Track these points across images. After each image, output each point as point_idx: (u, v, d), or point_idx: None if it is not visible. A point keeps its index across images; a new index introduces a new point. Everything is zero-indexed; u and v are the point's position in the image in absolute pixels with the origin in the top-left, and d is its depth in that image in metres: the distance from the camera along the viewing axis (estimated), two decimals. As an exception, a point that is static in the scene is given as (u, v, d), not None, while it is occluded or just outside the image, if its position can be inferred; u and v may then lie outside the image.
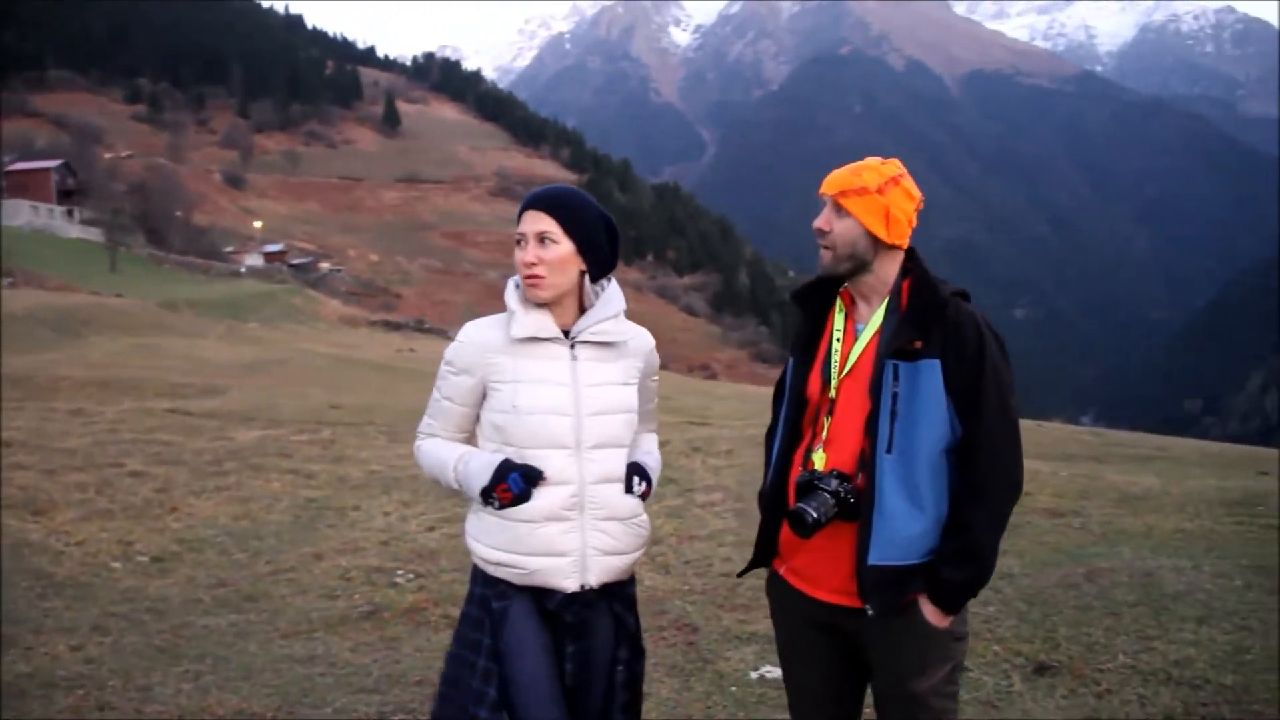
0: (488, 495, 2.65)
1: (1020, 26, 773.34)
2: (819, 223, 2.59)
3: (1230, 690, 4.11)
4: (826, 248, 2.58)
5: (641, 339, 2.86)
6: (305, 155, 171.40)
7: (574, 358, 2.71)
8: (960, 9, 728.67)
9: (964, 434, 2.48)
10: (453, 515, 8.19)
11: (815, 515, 2.45)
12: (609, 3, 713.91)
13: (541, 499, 2.65)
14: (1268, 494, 7.54)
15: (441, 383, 2.80)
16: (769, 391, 3.06)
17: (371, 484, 9.50)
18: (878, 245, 2.57)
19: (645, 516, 2.84)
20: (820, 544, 2.56)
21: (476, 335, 2.75)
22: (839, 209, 2.57)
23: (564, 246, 2.68)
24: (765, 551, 2.79)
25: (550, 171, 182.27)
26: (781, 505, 2.68)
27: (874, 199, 2.54)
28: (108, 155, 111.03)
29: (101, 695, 4.52)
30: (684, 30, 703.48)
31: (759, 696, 4.42)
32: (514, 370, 2.68)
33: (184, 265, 78.32)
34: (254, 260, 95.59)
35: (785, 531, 2.65)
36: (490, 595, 2.72)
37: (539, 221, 2.69)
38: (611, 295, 2.80)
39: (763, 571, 2.88)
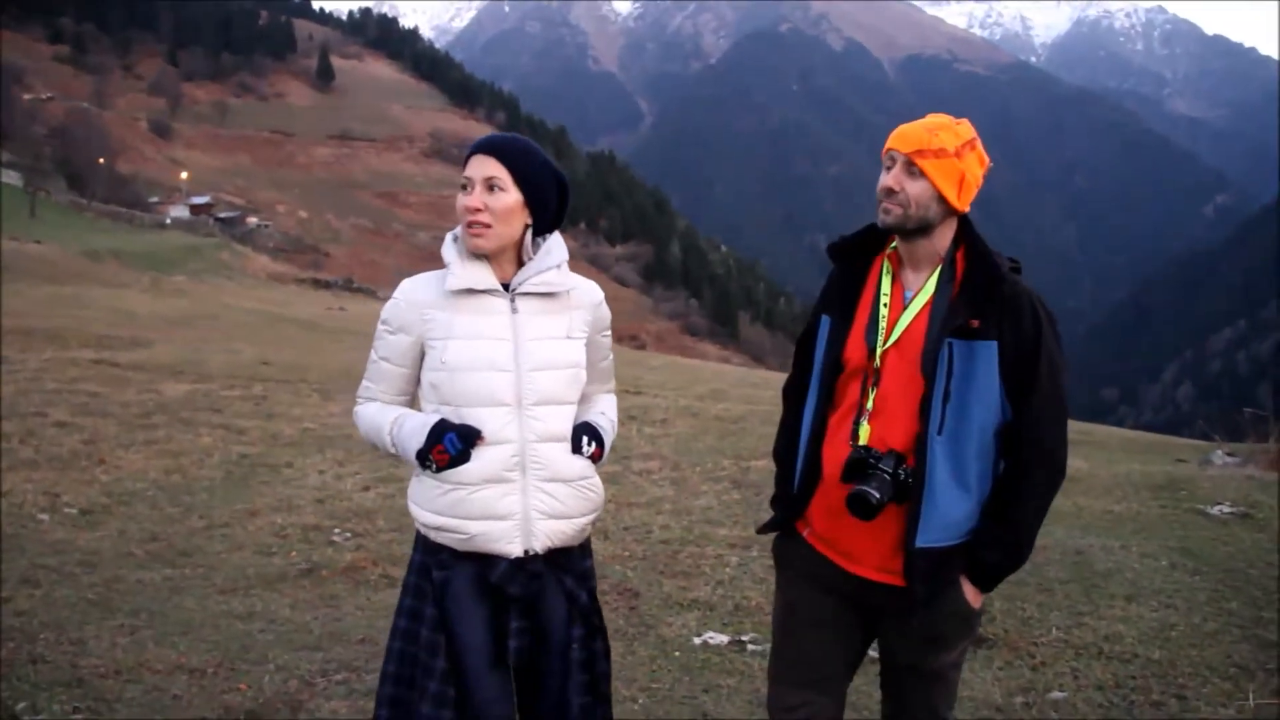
0: (424, 458, 2.55)
1: (959, 14, 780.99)
2: (890, 182, 2.43)
3: (1158, 664, 4.25)
4: (896, 206, 2.43)
5: (588, 290, 2.73)
6: (235, 107, 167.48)
7: (514, 310, 2.58)
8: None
9: (1014, 417, 2.41)
10: (388, 475, 8.14)
11: (879, 497, 2.37)
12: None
13: (480, 460, 2.54)
14: (1188, 479, 7.77)
15: (378, 343, 2.67)
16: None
17: (305, 442, 9.40)
18: (945, 210, 2.45)
19: (597, 480, 2.72)
20: (861, 520, 2.47)
21: (412, 292, 2.63)
22: (912, 168, 2.41)
23: (511, 196, 2.54)
24: (791, 512, 2.67)
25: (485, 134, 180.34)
26: (815, 470, 2.59)
27: (952, 162, 2.41)
28: (27, 96, 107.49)
29: (33, 648, 4.42)
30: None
31: (703, 662, 4.47)
32: (448, 325, 2.55)
33: (107, 214, 76.44)
34: (180, 212, 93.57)
35: (821, 499, 2.58)
36: (431, 564, 2.62)
37: (488, 167, 2.54)
38: (553, 245, 2.66)
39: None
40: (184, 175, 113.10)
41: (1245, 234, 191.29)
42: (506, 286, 2.60)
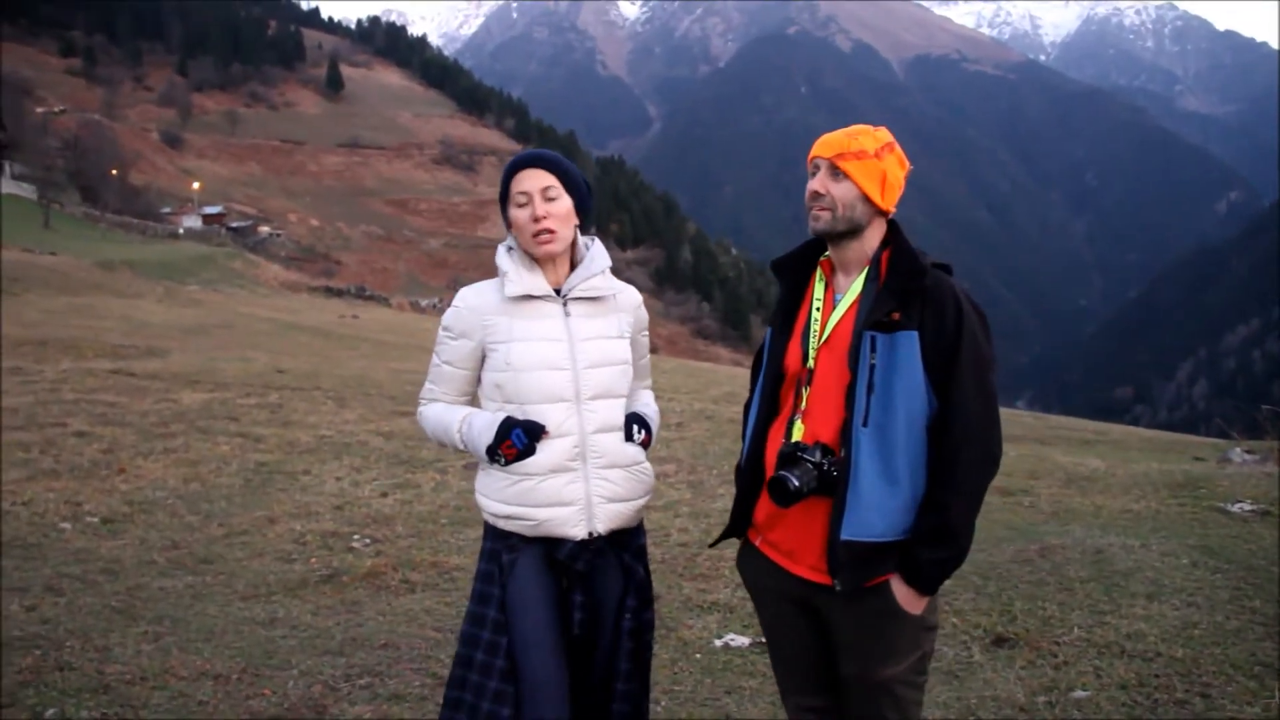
0: (493, 453, 2.75)
1: (967, 13, 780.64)
2: (815, 186, 2.54)
3: (1181, 663, 4.23)
4: (825, 209, 2.53)
5: (629, 294, 2.99)
6: (245, 116, 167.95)
7: (566, 314, 2.81)
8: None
9: (940, 408, 2.43)
10: (405, 481, 8.17)
11: (797, 484, 2.43)
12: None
13: (545, 452, 2.75)
14: (1207, 477, 7.74)
15: (440, 348, 2.89)
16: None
17: (322, 449, 9.42)
18: (871, 211, 2.54)
19: (648, 464, 2.95)
20: (798, 518, 2.54)
21: (472, 299, 2.85)
22: (836, 172, 2.52)
23: (566, 201, 2.79)
24: (740, 523, 2.77)
25: (495, 141, 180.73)
26: (758, 477, 2.66)
27: (872, 163, 2.51)
28: (39, 109, 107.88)
29: (60, 655, 4.45)
30: (632, 3, 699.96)
31: (724, 664, 4.48)
32: (509, 330, 2.78)
33: (120, 225, 76.57)
34: (192, 222, 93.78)
35: (763, 503, 2.64)
36: (501, 549, 2.81)
37: (542, 179, 2.78)
38: (597, 253, 2.90)
39: (726, 542, 2.89)
40: (196, 185, 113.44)
41: (1257, 230, 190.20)
42: (558, 292, 2.83)
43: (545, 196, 2.76)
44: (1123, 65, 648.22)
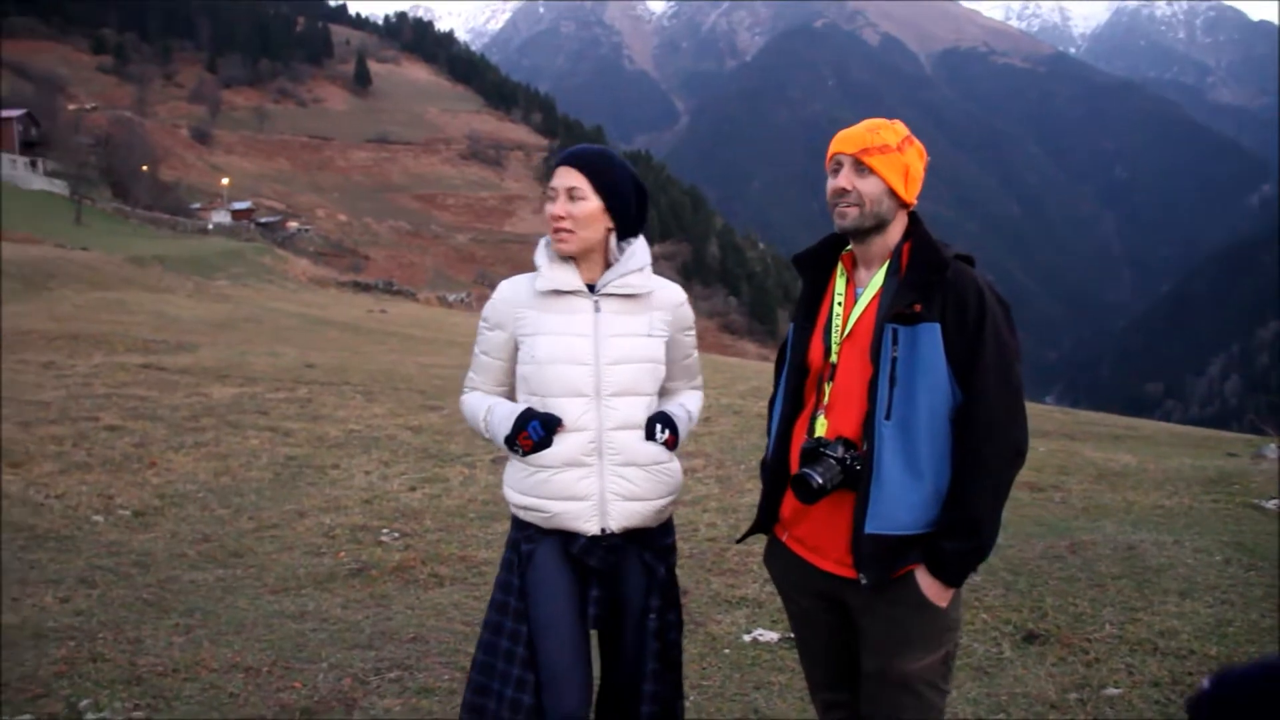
0: (511, 443, 2.78)
1: (995, 6, 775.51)
2: (841, 183, 2.52)
3: (1215, 661, 4.19)
4: (851, 206, 2.51)
5: (670, 292, 2.94)
6: (274, 112, 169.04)
7: (597, 310, 2.81)
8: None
9: (964, 400, 2.42)
10: (433, 476, 8.20)
11: (820, 481, 2.42)
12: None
13: (561, 445, 2.77)
14: (1240, 473, 7.66)
15: (479, 338, 2.93)
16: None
17: (350, 443, 9.47)
18: (896, 205, 2.53)
19: (674, 465, 2.91)
20: (824, 513, 2.54)
21: (507, 291, 2.88)
22: (861, 167, 2.50)
23: (591, 203, 2.77)
24: (766, 518, 2.76)
25: (521, 136, 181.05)
26: (784, 473, 2.65)
27: (895, 156, 2.50)
28: (71, 106, 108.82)
29: (93, 647, 4.50)
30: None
31: (753, 659, 4.47)
32: (536, 323, 2.80)
33: (150, 221, 77.16)
34: (221, 217, 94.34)
35: (789, 499, 2.64)
36: (521, 538, 2.84)
37: (569, 178, 2.79)
38: (637, 250, 2.88)
39: (753, 537, 2.88)
40: (225, 181, 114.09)
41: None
42: (592, 288, 2.83)
43: (570, 196, 2.78)
44: (1154, 57, 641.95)
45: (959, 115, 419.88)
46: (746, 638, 4.68)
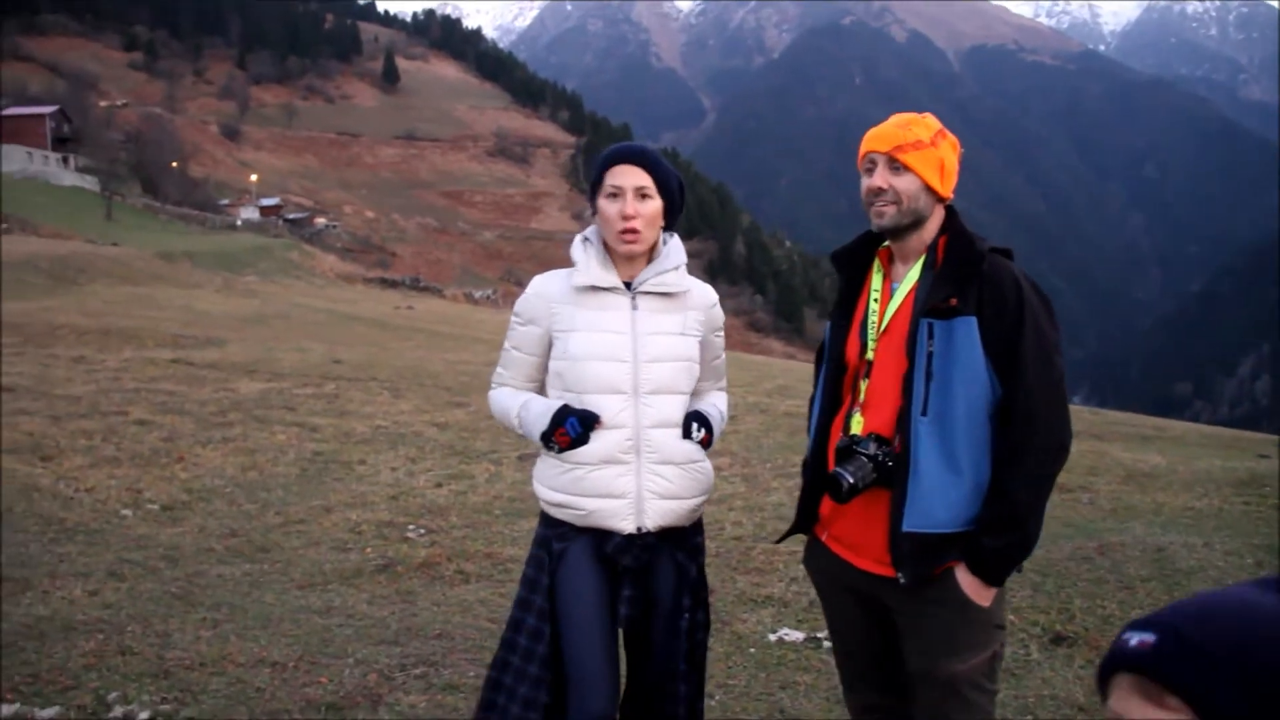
0: (547, 439, 2.74)
1: (1024, 3, 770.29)
2: (876, 182, 2.46)
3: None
4: (889, 205, 2.47)
5: (703, 293, 2.90)
6: (303, 109, 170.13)
7: (634, 307, 2.77)
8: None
9: (1005, 394, 2.36)
10: (459, 472, 8.21)
11: (851, 480, 2.38)
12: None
13: (598, 443, 2.72)
14: (1272, 476, 7.58)
15: (511, 333, 2.88)
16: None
17: (377, 439, 9.51)
18: (933, 200, 2.50)
19: (707, 464, 2.87)
20: (861, 511, 2.50)
21: (542, 287, 2.84)
22: (895, 165, 2.46)
23: (657, 202, 2.75)
24: (806, 518, 2.73)
25: (549, 133, 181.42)
26: (822, 472, 2.61)
27: (930, 151, 2.46)
28: (103, 103, 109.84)
29: (122, 640, 4.53)
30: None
31: (778, 658, 4.45)
32: (572, 319, 2.76)
33: (180, 216, 77.89)
34: (250, 213, 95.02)
35: (827, 498, 2.60)
36: (552, 536, 2.80)
37: (638, 177, 2.73)
38: (673, 249, 2.85)
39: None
40: (253, 177, 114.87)
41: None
42: (628, 285, 2.79)
43: (639, 195, 2.72)
44: (1185, 54, 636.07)
45: (987, 113, 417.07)
46: (772, 637, 4.66)
